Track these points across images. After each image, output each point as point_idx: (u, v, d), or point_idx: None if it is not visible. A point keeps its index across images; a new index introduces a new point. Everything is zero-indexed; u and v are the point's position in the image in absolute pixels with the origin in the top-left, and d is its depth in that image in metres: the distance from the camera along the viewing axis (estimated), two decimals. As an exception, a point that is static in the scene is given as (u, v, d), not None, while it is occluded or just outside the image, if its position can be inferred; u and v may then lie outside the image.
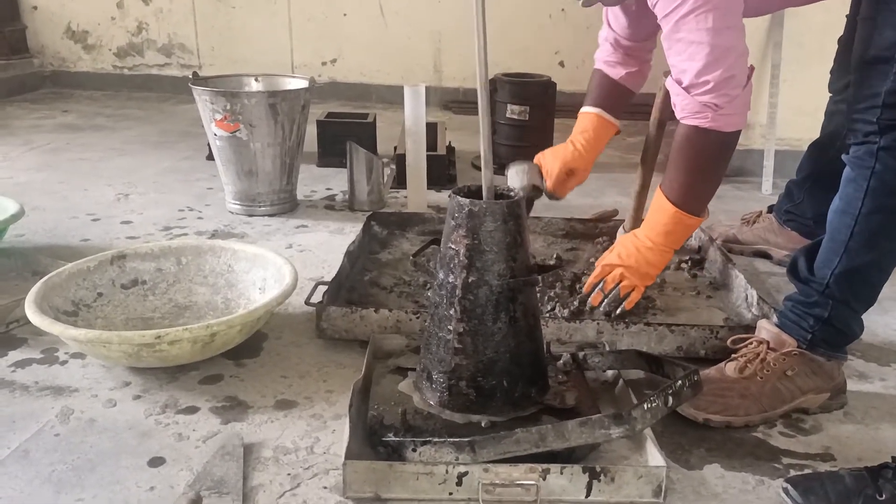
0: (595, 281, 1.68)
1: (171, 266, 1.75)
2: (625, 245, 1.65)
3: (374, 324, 1.57)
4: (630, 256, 1.63)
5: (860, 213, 1.35)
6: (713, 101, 1.46)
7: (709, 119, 1.48)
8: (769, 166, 2.83)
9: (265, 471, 1.21)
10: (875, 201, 1.33)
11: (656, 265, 1.63)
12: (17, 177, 2.81)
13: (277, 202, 2.44)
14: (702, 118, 1.49)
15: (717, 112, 1.47)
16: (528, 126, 2.94)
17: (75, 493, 1.15)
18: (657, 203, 1.61)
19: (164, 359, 1.42)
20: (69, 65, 4.71)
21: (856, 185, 1.35)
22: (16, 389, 1.43)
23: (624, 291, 1.64)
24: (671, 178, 1.58)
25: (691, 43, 1.44)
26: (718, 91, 1.45)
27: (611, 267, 1.65)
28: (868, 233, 1.35)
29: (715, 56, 1.43)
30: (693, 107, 1.49)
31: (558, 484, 1.14)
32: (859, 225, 1.35)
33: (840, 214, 1.38)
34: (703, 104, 1.47)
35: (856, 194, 1.35)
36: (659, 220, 1.60)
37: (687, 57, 1.46)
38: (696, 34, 1.43)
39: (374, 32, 4.37)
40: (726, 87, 1.45)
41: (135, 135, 3.54)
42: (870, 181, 1.33)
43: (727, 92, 1.46)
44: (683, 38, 1.45)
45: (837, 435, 1.36)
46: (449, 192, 1.28)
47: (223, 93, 2.27)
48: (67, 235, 2.23)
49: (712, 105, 1.46)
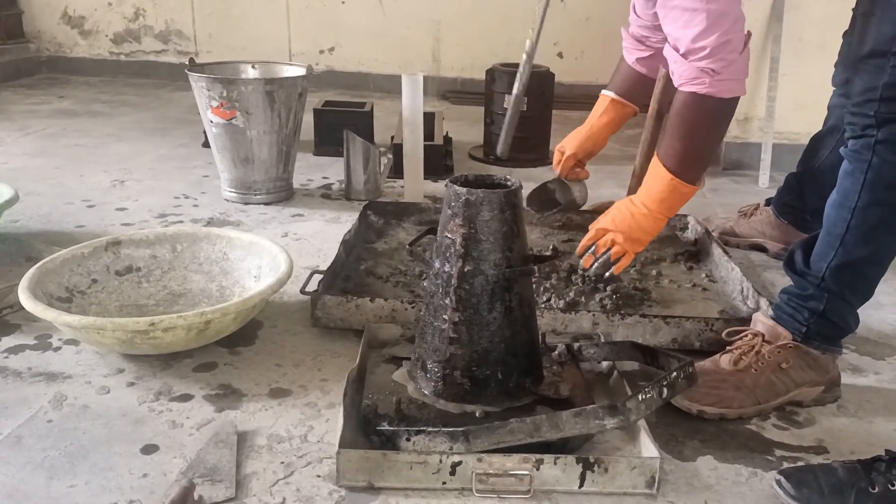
0: (587, 244, 1.67)
1: (165, 253, 1.74)
2: (619, 210, 1.64)
3: (369, 313, 1.57)
4: (623, 221, 1.62)
5: (857, 207, 1.34)
6: (710, 67, 1.45)
7: (706, 85, 1.47)
8: (766, 160, 2.82)
9: (259, 459, 1.21)
10: (872, 195, 1.33)
11: (649, 231, 1.62)
12: (12, 162, 2.80)
13: (273, 190, 2.43)
14: (699, 84, 1.48)
15: (715, 77, 1.46)
16: (525, 117, 2.92)
17: (68, 479, 1.15)
18: (654, 170, 1.60)
19: (158, 346, 1.42)
20: (65, 50, 4.68)
21: (853, 178, 1.35)
22: (8, 375, 1.43)
23: (614, 256, 1.63)
24: (668, 144, 1.57)
25: (685, 10, 1.43)
26: (715, 56, 1.44)
27: (603, 231, 1.65)
28: (865, 226, 1.35)
29: (710, 21, 1.42)
30: (690, 73, 1.48)
31: (552, 474, 1.14)
32: (856, 218, 1.35)
33: (837, 208, 1.38)
34: (701, 69, 1.46)
35: (853, 188, 1.35)
36: (655, 186, 1.59)
37: (682, 24, 1.45)
38: (690, 1, 1.42)
39: (372, 21, 4.35)
40: (722, 51, 1.44)
41: (131, 121, 3.53)
42: (867, 175, 1.33)
43: (724, 56, 1.44)
44: (678, 6, 1.44)
45: (831, 428, 1.36)
46: (446, 181, 1.27)
47: (220, 80, 2.26)
48: (62, 221, 2.22)
49: (709, 70, 1.45)
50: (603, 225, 1.65)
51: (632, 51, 1.90)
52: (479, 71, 3.44)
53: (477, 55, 4.23)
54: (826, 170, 1.87)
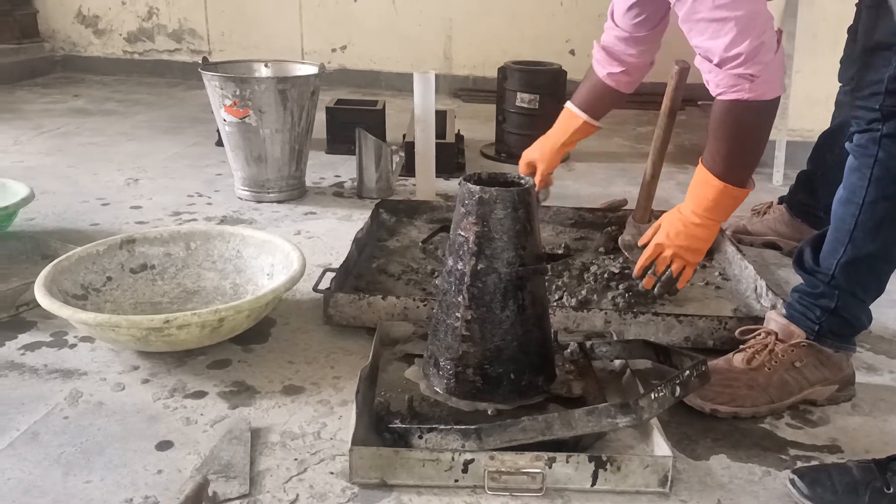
0: (645, 263, 1.62)
1: (179, 251, 1.75)
2: (672, 223, 1.59)
3: (381, 311, 1.57)
4: (679, 235, 1.57)
5: (864, 202, 1.33)
6: (748, 72, 1.41)
7: (746, 90, 1.43)
8: (780, 157, 2.81)
9: (272, 455, 1.22)
10: (879, 190, 1.32)
11: (706, 240, 1.58)
12: (27, 161, 2.82)
13: (286, 188, 2.44)
14: (739, 91, 1.44)
15: (754, 82, 1.42)
16: (537, 114, 2.93)
17: (83, 474, 1.16)
18: (701, 178, 1.55)
19: (172, 343, 1.43)
20: (80, 49, 4.72)
21: (859, 173, 1.34)
22: (25, 372, 1.44)
23: (676, 271, 1.59)
24: (713, 151, 1.52)
25: (712, 21, 1.40)
26: (751, 60, 1.40)
27: (661, 247, 1.59)
28: (873, 222, 1.34)
29: (740, 27, 1.39)
30: (728, 81, 1.44)
31: (564, 472, 1.14)
32: (864, 214, 1.34)
33: (844, 204, 1.37)
34: (738, 76, 1.42)
35: (859, 183, 1.34)
36: (705, 194, 1.54)
37: (710, 35, 1.42)
38: (716, 11, 1.39)
39: (384, 19, 4.35)
40: (758, 55, 1.40)
41: (145, 120, 3.55)
42: (873, 169, 1.32)
43: (760, 59, 1.41)
44: (703, 17, 1.41)
45: (845, 427, 1.35)
46: (459, 179, 1.27)
47: (233, 78, 2.27)
48: (77, 219, 2.24)
49: (747, 76, 1.41)
50: (659, 241, 1.60)
51: (603, 64, 1.87)
52: (491, 69, 3.44)
53: (489, 53, 4.23)
54: (837, 167, 1.85)
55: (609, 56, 1.86)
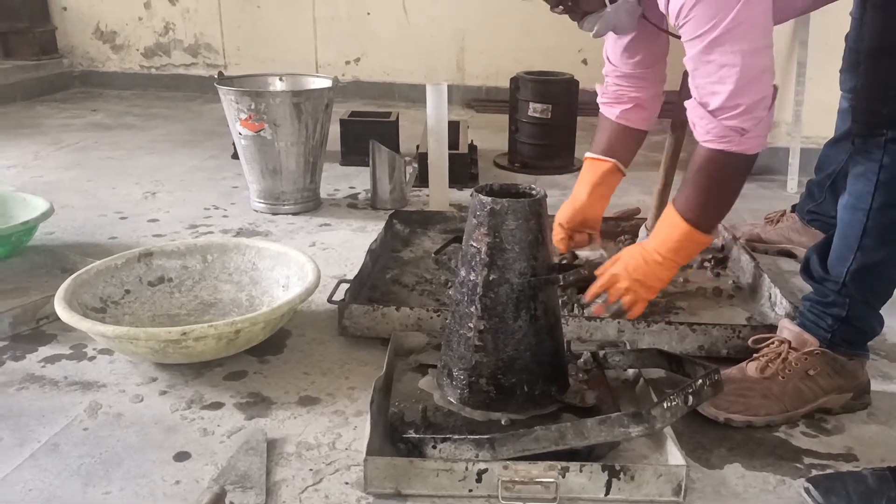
0: (598, 291, 1.59)
1: (196, 264, 1.78)
2: (633, 257, 1.57)
3: (395, 321, 1.58)
4: (638, 270, 1.55)
5: (871, 209, 1.32)
6: (740, 126, 1.40)
7: (734, 143, 1.42)
8: (794, 164, 2.80)
9: (288, 466, 1.23)
10: (886, 196, 1.30)
11: (662, 279, 1.58)
12: (47, 175, 2.86)
13: (301, 200, 2.46)
14: (726, 142, 1.43)
15: (744, 136, 1.41)
16: (550, 124, 2.94)
17: (103, 486, 1.18)
18: (670, 219, 1.55)
19: (189, 355, 1.45)
20: (98, 65, 4.78)
21: (865, 179, 1.32)
22: (45, 384, 1.47)
23: (628, 305, 1.56)
24: (688, 195, 1.51)
25: (723, 66, 1.37)
26: (749, 114, 1.39)
27: (616, 278, 1.57)
28: (881, 228, 1.32)
29: (748, 79, 1.37)
30: (719, 131, 1.42)
31: (578, 482, 1.14)
32: (872, 221, 1.32)
33: (851, 210, 1.36)
34: (730, 128, 1.41)
35: (865, 189, 1.32)
36: (671, 235, 1.53)
37: (717, 80, 1.39)
38: (730, 56, 1.36)
39: (397, 31, 4.38)
40: (756, 109, 1.40)
41: (162, 134, 3.59)
42: (879, 175, 1.30)
43: (756, 114, 1.40)
44: (715, 61, 1.38)
45: (860, 435, 1.34)
46: (471, 190, 1.28)
47: (248, 92, 2.29)
48: (96, 233, 2.27)
49: (739, 129, 1.40)
50: (615, 272, 1.57)
51: (613, 105, 1.83)
52: (504, 79, 3.45)
53: (501, 63, 4.25)
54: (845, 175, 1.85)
55: (615, 96, 1.82)
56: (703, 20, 1.35)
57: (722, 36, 1.35)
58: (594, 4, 1.55)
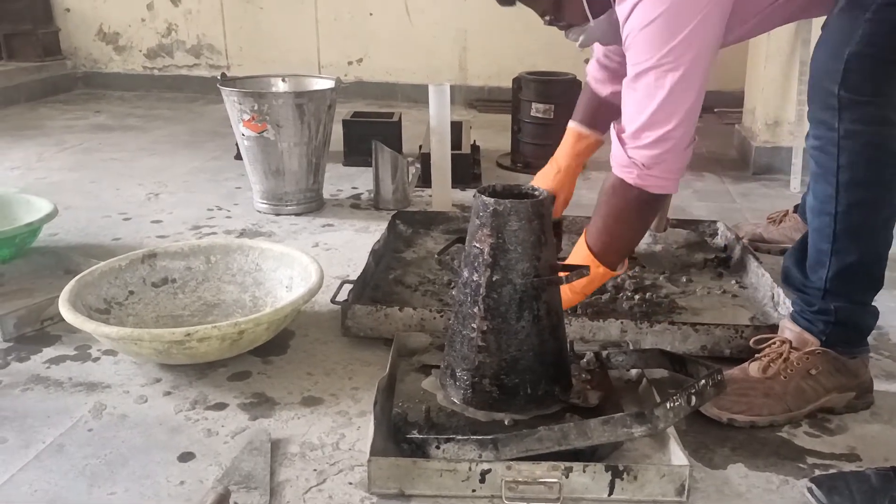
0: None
1: (200, 265, 1.78)
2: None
3: (398, 322, 1.59)
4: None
5: (837, 212, 1.31)
6: (641, 161, 1.41)
7: (634, 175, 1.43)
8: (797, 164, 2.80)
9: (292, 466, 1.23)
10: (850, 197, 1.29)
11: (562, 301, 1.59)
12: (50, 177, 2.87)
13: (304, 201, 2.46)
14: (627, 172, 1.44)
15: (644, 171, 1.42)
16: (552, 124, 2.93)
17: (108, 486, 1.18)
18: (580, 248, 1.56)
19: (193, 356, 1.45)
20: (101, 66, 4.79)
21: (825, 181, 1.30)
22: (50, 385, 1.47)
23: None
24: (594, 224, 1.53)
25: (644, 97, 1.38)
26: (650, 151, 1.40)
27: None
28: (851, 230, 1.31)
29: (659, 117, 1.37)
30: (622, 159, 1.44)
31: (581, 482, 1.14)
32: (840, 224, 1.31)
33: (818, 215, 1.35)
34: (632, 160, 1.42)
35: (828, 192, 1.31)
36: (576, 260, 1.54)
37: (635, 109, 1.40)
38: (651, 90, 1.36)
39: (399, 31, 4.39)
40: (659, 148, 1.39)
41: (165, 135, 3.60)
42: (838, 176, 1.28)
43: (658, 154, 1.40)
44: (639, 90, 1.39)
45: (863, 435, 1.35)
46: (474, 191, 1.29)
47: (251, 93, 2.30)
48: (99, 234, 2.28)
49: (640, 164, 1.41)
50: None
51: (605, 83, 1.82)
52: (506, 79, 3.45)
53: (503, 63, 4.25)
54: None
55: (609, 73, 1.81)
56: (642, 52, 1.36)
57: (649, 70, 1.35)
58: (578, 18, 1.54)
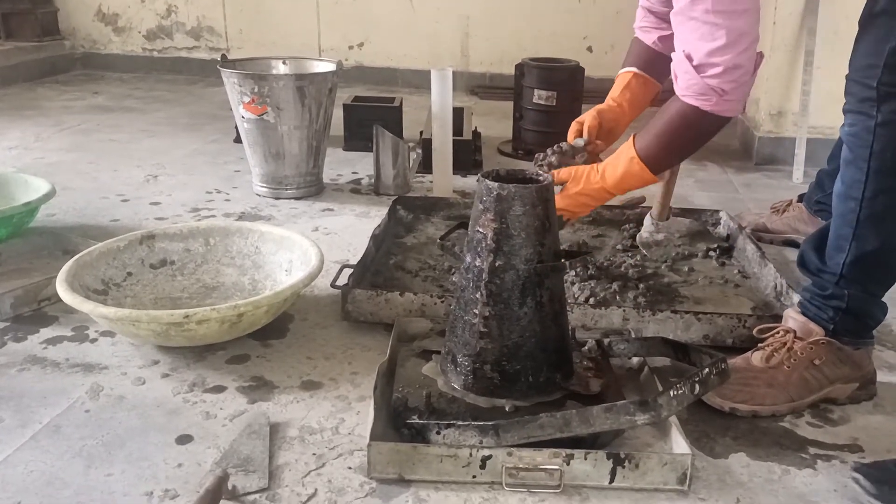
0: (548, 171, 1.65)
1: (199, 247, 1.77)
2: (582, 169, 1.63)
3: (399, 307, 1.58)
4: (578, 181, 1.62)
5: (864, 198, 1.30)
6: (721, 86, 1.40)
7: (712, 103, 1.43)
8: (801, 154, 2.78)
9: (291, 450, 1.23)
10: (878, 183, 1.29)
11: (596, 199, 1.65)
12: (48, 157, 2.85)
13: (304, 185, 2.45)
14: (705, 100, 1.43)
15: (723, 97, 1.42)
16: (555, 111, 2.92)
17: (105, 467, 1.17)
18: (626, 151, 1.57)
19: (191, 338, 1.44)
20: (100, 47, 4.76)
21: (855, 167, 1.31)
22: (47, 366, 1.46)
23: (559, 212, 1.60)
24: (649, 138, 1.54)
25: (706, 23, 1.37)
26: (728, 76, 1.39)
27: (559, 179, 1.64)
28: (875, 217, 1.31)
29: (729, 40, 1.37)
30: (699, 87, 1.43)
31: (582, 469, 1.14)
32: (865, 210, 1.31)
33: (844, 199, 1.34)
34: (711, 87, 1.41)
35: (857, 177, 1.30)
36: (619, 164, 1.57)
37: (699, 36, 1.40)
38: (713, 15, 1.36)
39: (401, 16, 4.36)
40: (735, 72, 1.39)
41: (164, 117, 3.58)
42: (870, 162, 1.28)
43: (736, 78, 1.40)
44: (698, 18, 1.38)
45: (866, 426, 1.34)
46: (475, 176, 1.27)
47: (251, 75, 2.28)
48: (97, 215, 2.26)
49: (719, 90, 1.41)
50: (562, 177, 1.63)
51: (651, 30, 1.78)
52: (508, 66, 3.43)
53: (506, 50, 4.22)
54: None
55: (659, 19, 1.76)
56: None
57: None
58: None
